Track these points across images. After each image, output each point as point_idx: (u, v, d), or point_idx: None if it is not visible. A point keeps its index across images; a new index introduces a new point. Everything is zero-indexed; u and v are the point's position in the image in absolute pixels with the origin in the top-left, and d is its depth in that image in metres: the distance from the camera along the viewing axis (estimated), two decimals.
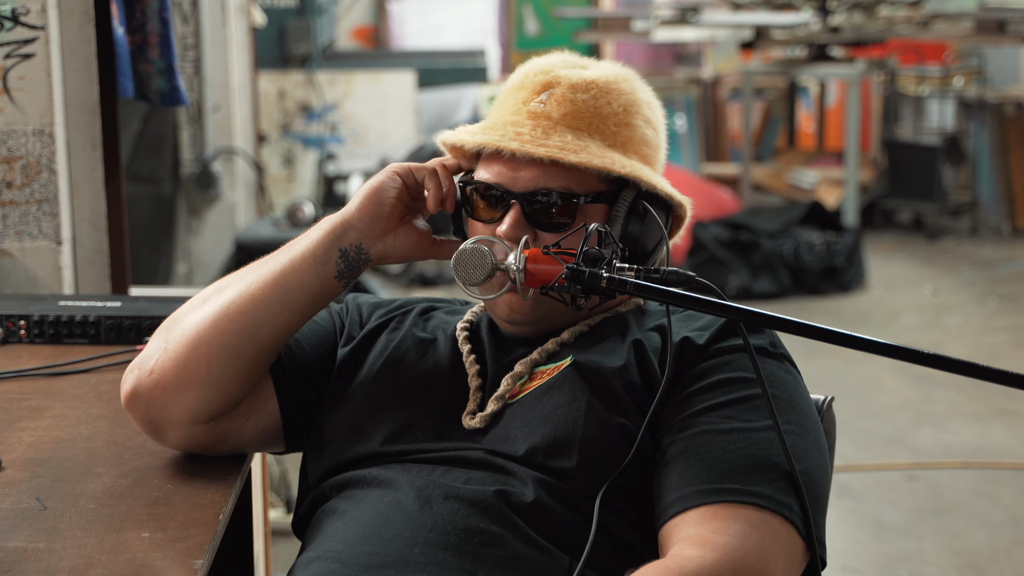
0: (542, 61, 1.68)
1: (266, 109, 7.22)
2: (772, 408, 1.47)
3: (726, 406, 1.50)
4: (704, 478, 1.43)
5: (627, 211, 1.60)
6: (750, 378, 1.52)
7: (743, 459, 1.44)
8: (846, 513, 3.99)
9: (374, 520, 1.48)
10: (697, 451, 1.46)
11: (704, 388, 1.52)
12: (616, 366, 1.54)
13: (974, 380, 1.38)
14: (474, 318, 1.71)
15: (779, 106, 9.59)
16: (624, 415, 1.51)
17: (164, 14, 2.89)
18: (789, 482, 1.44)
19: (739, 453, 1.45)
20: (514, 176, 1.59)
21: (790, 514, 1.41)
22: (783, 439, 1.45)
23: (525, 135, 1.58)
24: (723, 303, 1.44)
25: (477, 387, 1.60)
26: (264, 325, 1.59)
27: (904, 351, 1.35)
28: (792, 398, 1.52)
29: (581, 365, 1.56)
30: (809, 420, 1.52)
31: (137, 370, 1.61)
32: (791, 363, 1.58)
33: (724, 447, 1.46)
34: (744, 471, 1.43)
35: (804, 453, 1.47)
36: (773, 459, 1.45)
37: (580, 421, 1.51)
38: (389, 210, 1.62)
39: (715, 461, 1.45)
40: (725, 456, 1.45)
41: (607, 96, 1.62)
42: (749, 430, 1.47)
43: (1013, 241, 8.28)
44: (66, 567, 1.36)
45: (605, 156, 1.58)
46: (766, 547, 1.39)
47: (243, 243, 5.44)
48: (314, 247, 1.61)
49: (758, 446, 1.46)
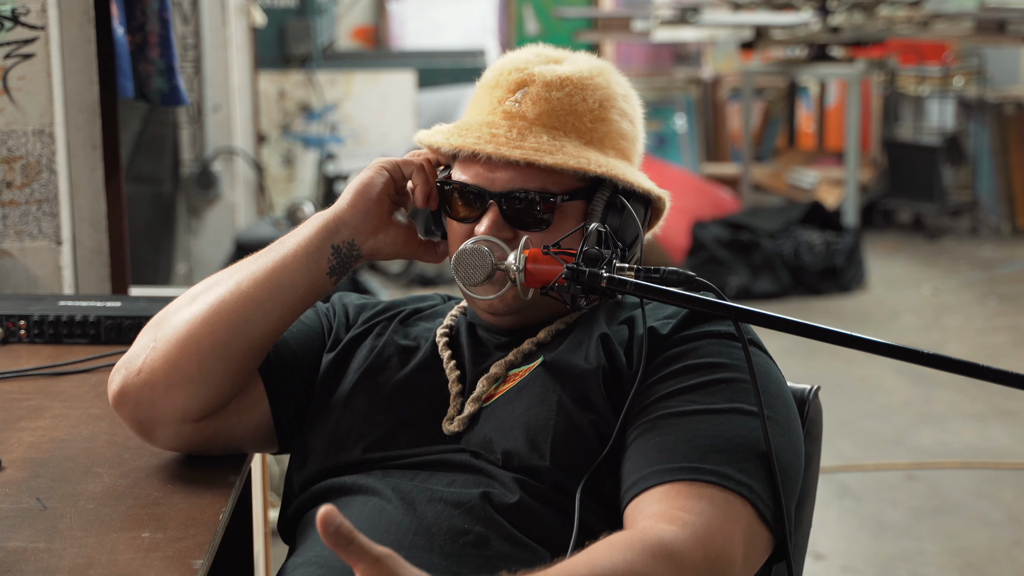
0: (516, 57, 1.67)
1: (266, 109, 7.22)
2: (757, 387, 1.45)
3: (689, 390, 1.48)
4: (667, 457, 1.42)
5: (604, 207, 1.60)
6: (715, 363, 1.51)
7: (705, 439, 1.43)
8: (846, 513, 3.99)
9: (359, 525, 1.47)
10: (659, 432, 1.45)
11: (668, 375, 1.51)
12: (583, 363, 1.54)
13: (974, 380, 1.38)
14: (454, 322, 1.70)
15: (779, 106, 9.59)
16: (594, 411, 1.51)
17: (164, 14, 2.89)
18: (754, 463, 1.42)
19: (702, 433, 1.44)
20: (491, 177, 1.59)
21: (750, 495, 1.39)
22: (764, 421, 1.44)
23: (500, 137, 1.58)
24: (723, 303, 1.44)
25: (457, 392, 1.61)
26: (255, 322, 1.58)
27: (904, 351, 1.35)
28: (764, 382, 1.50)
29: (550, 364, 1.56)
30: (780, 403, 1.51)
31: (124, 369, 1.60)
32: (760, 348, 1.57)
33: (687, 428, 1.45)
34: (706, 451, 1.42)
35: (773, 437, 1.45)
36: (737, 440, 1.43)
37: (551, 420, 1.50)
38: (378, 205, 1.62)
39: (678, 441, 1.43)
40: (688, 436, 1.44)
41: (582, 92, 1.62)
42: (712, 411, 1.46)
43: (1013, 241, 8.28)
44: (66, 567, 1.35)
45: (581, 156, 1.58)
46: (729, 527, 1.37)
47: (243, 243, 5.43)
48: (306, 244, 1.61)
49: (720, 427, 1.44)
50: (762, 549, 1.42)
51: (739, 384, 1.48)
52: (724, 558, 1.35)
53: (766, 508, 1.41)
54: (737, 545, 1.37)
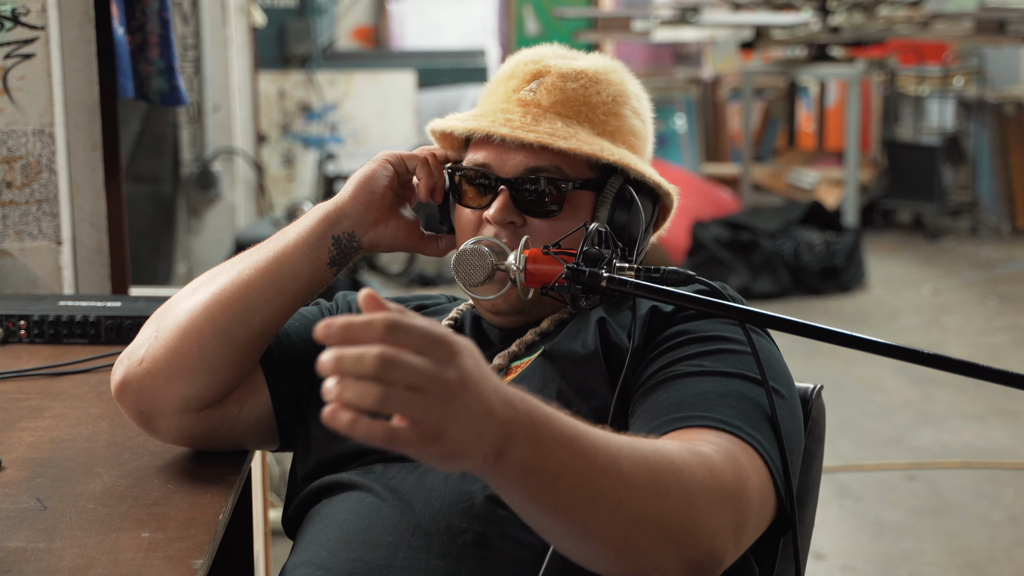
0: (532, 52, 1.69)
1: (266, 109, 7.22)
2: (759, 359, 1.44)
3: (695, 357, 1.48)
4: (679, 408, 1.41)
5: (614, 198, 1.60)
6: (720, 335, 1.50)
7: (715, 395, 1.42)
8: (846, 513, 3.99)
9: (357, 525, 1.48)
10: (668, 389, 1.44)
11: (672, 346, 1.50)
12: (581, 349, 1.54)
13: (974, 380, 1.38)
14: (459, 315, 1.71)
15: (779, 106, 9.59)
16: (596, 397, 1.50)
17: (164, 14, 2.89)
18: (763, 424, 1.41)
19: (711, 390, 1.43)
20: (503, 160, 1.60)
21: (761, 449, 1.38)
22: (769, 392, 1.43)
23: (515, 121, 1.60)
24: (723, 303, 1.44)
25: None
26: (256, 311, 1.59)
27: (904, 351, 1.35)
28: (769, 359, 1.50)
29: (550, 353, 1.56)
30: (781, 378, 1.50)
31: (127, 360, 1.60)
32: (766, 332, 1.57)
33: (697, 384, 1.43)
34: (717, 404, 1.41)
35: (778, 407, 1.44)
36: (745, 400, 1.42)
37: None
38: (380, 198, 1.63)
39: (689, 395, 1.42)
40: (698, 391, 1.42)
41: (596, 85, 1.63)
42: (719, 373, 1.45)
43: (1013, 241, 8.28)
44: (66, 567, 1.35)
45: (594, 143, 1.59)
46: (747, 468, 1.35)
47: (243, 243, 5.42)
48: (307, 234, 1.61)
49: (729, 386, 1.43)
50: (770, 508, 1.39)
51: (744, 356, 1.48)
52: (745, 489, 1.33)
53: (775, 467, 1.39)
54: (753, 487, 1.34)
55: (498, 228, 1.60)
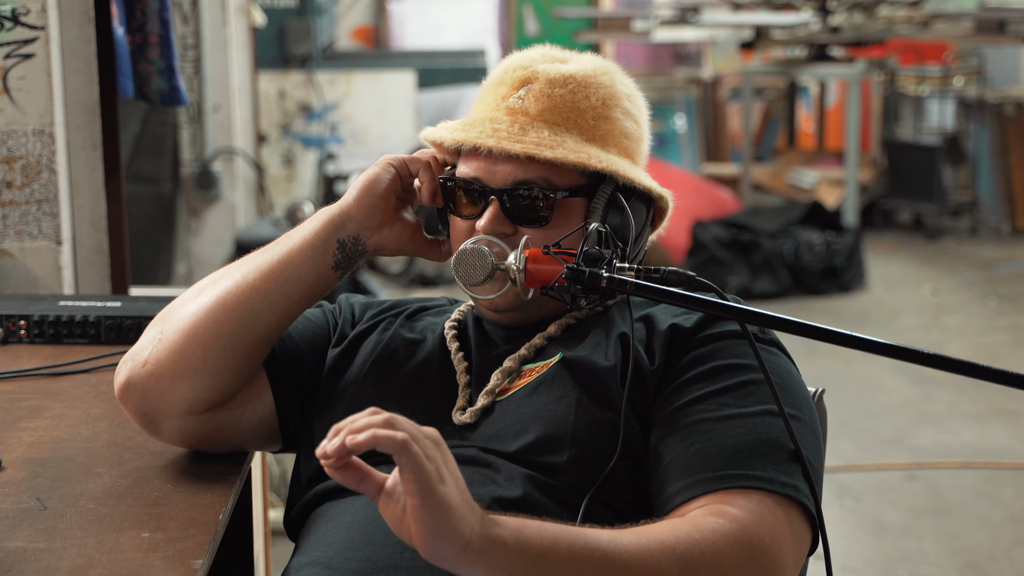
0: (522, 56, 1.68)
1: (266, 109, 7.22)
2: (775, 392, 1.46)
3: (721, 393, 1.49)
4: (709, 466, 1.42)
5: (605, 204, 1.60)
6: (743, 364, 1.51)
7: (746, 445, 1.43)
8: (846, 513, 3.99)
9: (364, 524, 1.48)
10: (698, 440, 1.45)
11: (697, 376, 1.51)
12: (603, 361, 1.54)
13: (974, 380, 1.38)
14: (461, 316, 1.71)
15: (779, 106, 9.59)
16: (614, 410, 1.51)
17: (164, 14, 2.89)
18: (793, 464, 1.43)
19: (740, 439, 1.44)
20: (492, 171, 1.60)
21: (797, 495, 1.40)
22: (787, 421, 1.44)
23: (502, 131, 1.59)
24: (724, 303, 1.44)
25: (465, 383, 1.61)
26: (261, 314, 1.59)
27: (904, 351, 1.35)
28: (787, 382, 1.51)
29: (570, 362, 1.56)
30: (804, 403, 1.52)
31: (131, 361, 1.61)
32: (780, 347, 1.58)
33: (725, 434, 1.45)
34: (748, 456, 1.42)
35: (801, 436, 1.46)
36: (775, 442, 1.44)
37: (570, 417, 1.50)
38: (384, 201, 1.63)
39: (718, 448, 1.43)
40: (727, 443, 1.44)
41: (585, 90, 1.63)
42: (747, 415, 1.46)
43: (1013, 241, 8.28)
44: (66, 567, 1.35)
45: (582, 151, 1.59)
46: (779, 529, 1.37)
47: (243, 243, 5.43)
48: (312, 238, 1.62)
49: (758, 431, 1.45)
50: (806, 548, 1.43)
51: (766, 385, 1.49)
52: (771, 555, 1.35)
53: (810, 505, 1.41)
54: (786, 547, 1.37)
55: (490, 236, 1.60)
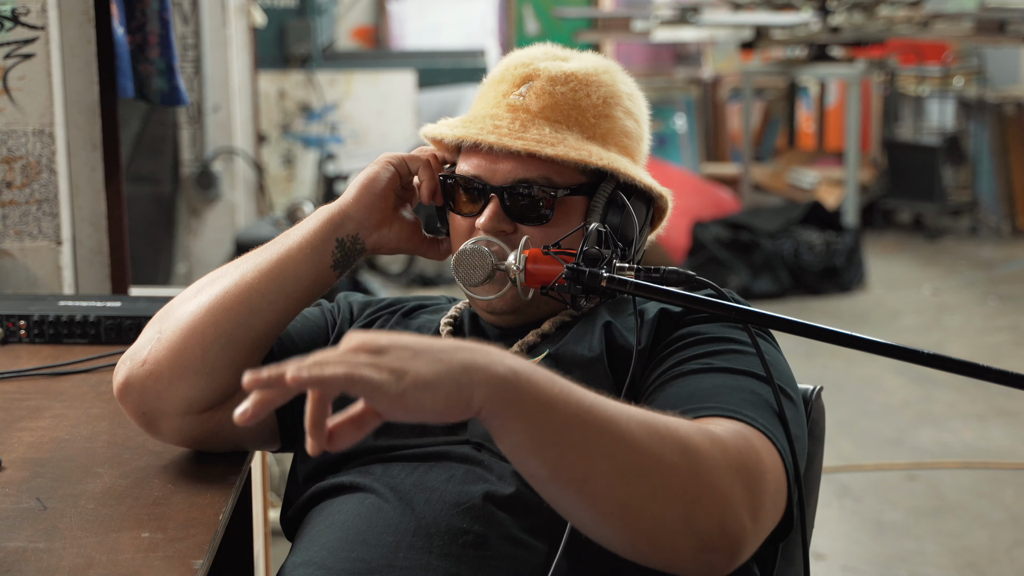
0: (523, 54, 1.68)
1: (266, 109, 7.22)
2: (764, 359, 1.44)
3: (705, 356, 1.48)
4: (690, 400, 1.41)
5: (606, 203, 1.60)
6: (731, 337, 1.50)
7: (727, 389, 1.42)
8: (846, 513, 3.99)
9: (358, 525, 1.48)
10: (680, 385, 1.44)
11: (683, 346, 1.51)
12: (587, 352, 1.54)
13: (974, 380, 1.38)
14: (458, 314, 1.71)
15: (779, 106, 9.59)
16: None
17: (164, 14, 2.89)
18: (774, 419, 1.40)
19: (723, 384, 1.43)
20: (493, 168, 1.60)
21: (775, 441, 1.37)
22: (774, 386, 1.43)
23: (503, 128, 1.59)
24: (723, 303, 1.44)
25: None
26: (259, 313, 1.59)
27: (904, 351, 1.35)
28: (775, 361, 1.50)
29: (556, 357, 1.56)
30: (790, 381, 1.51)
31: (130, 361, 1.60)
32: (771, 337, 1.57)
33: (708, 379, 1.44)
34: (730, 396, 1.41)
35: (785, 407, 1.44)
36: (756, 396, 1.42)
37: None
38: (383, 200, 1.63)
39: (702, 389, 1.42)
40: (711, 385, 1.43)
41: (586, 88, 1.62)
42: (730, 370, 1.45)
43: (1013, 241, 8.28)
44: (66, 567, 1.35)
45: (583, 148, 1.58)
46: (765, 458, 1.34)
47: (243, 243, 5.43)
48: (311, 236, 1.62)
49: (739, 382, 1.43)
50: (782, 501, 1.38)
51: (753, 356, 1.48)
52: (758, 468, 1.32)
53: (787, 461, 1.38)
54: (767, 469, 1.33)
55: (491, 235, 1.60)
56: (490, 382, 1.17)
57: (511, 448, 1.22)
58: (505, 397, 1.18)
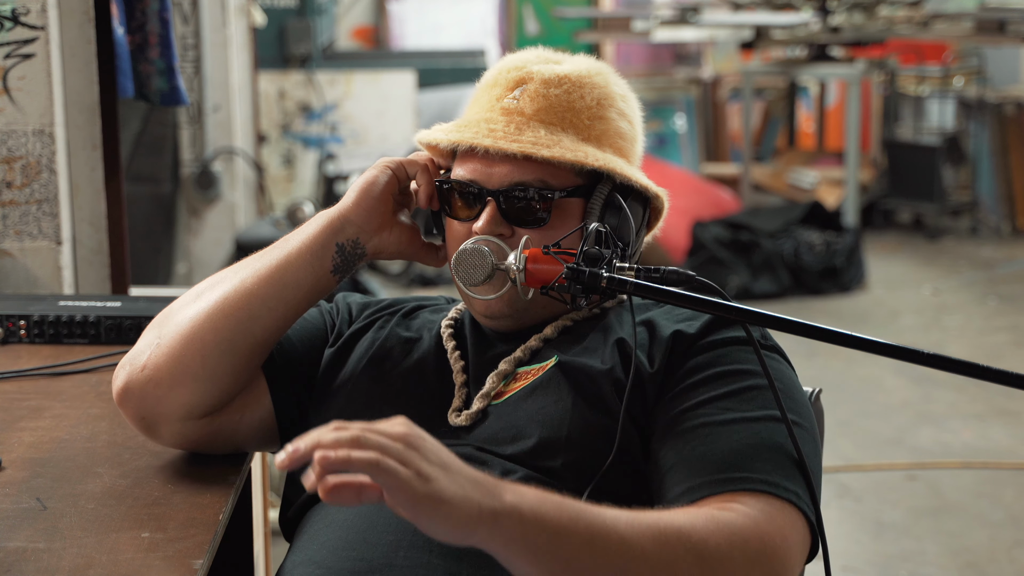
0: (516, 57, 1.68)
1: (266, 109, 7.22)
2: (778, 398, 1.46)
3: (724, 398, 1.48)
4: (713, 468, 1.42)
5: (603, 204, 1.60)
6: (746, 370, 1.51)
7: (749, 448, 1.43)
8: (846, 513, 3.99)
9: (358, 524, 1.48)
10: (701, 443, 1.45)
11: (700, 382, 1.51)
12: (600, 367, 1.54)
13: (974, 380, 1.38)
14: (458, 315, 1.71)
15: (779, 106, 9.59)
16: (610, 415, 1.50)
17: (164, 14, 2.89)
18: (795, 469, 1.42)
19: (744, 443, 1.43)
20: (489, 172, 1.60)
21: (799, 501, 1.40)
22: (790, 428, 1.44)
23: (498, 131, 1.59)
24: (723, 303, 1.44)
25: (462, 383, 1.61)
26: (259, 319, 1.59)
27: (904, 351, 1.35)
28: (789, 388, 1.51)
29: (566, 365, 1.55)
30: (804, 410, 1.52)
31: (129, 366, 1.60)
32: (781, 354, 1.58)
33: (728, 437, 1.44)
34: (752, 459, 1.42)
35: (803, 443, 1.46)
36: (778, 447, 1.43)
37: (566, 421, 1.50)
38: (382, 204, 1.63)
39: (722, 451, 1.43)
40: (731, 446, 1.43)
41: (580, 90, 1.62)
42: (750, 420, 1.46)
43: (1013, 241, 8.28)
44: (66, 567, 1.35)
45: (578, 150, 1.58)
46: (787, 531, 1.37)
47: (243, 243, 5.43)
48: (311, 242, 1.61)
49: (761, 435, 1.44)
50: (807, 552, 1.42)
51: (767, 391, 1.48)
52: (778, 549, 1.34)
53: (810, 512, 1.41)
54: (794, 549, 1.37)
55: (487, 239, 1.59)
56: (494, 521, 1.20)
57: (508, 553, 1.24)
58: (508, 535, 1.21)
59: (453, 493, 1.18)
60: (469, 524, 1.18)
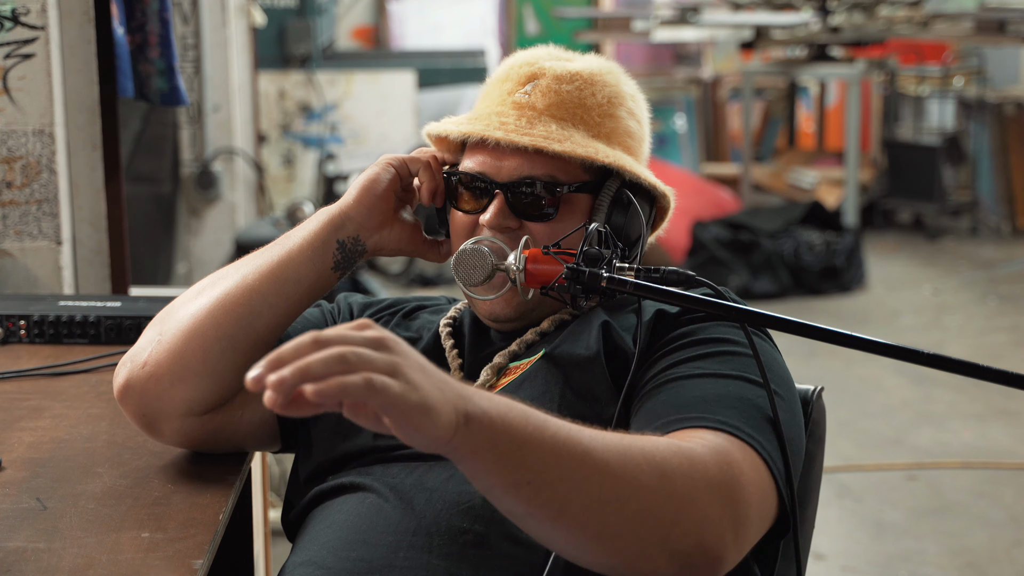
0: (527, 54, 1.69)
1: (266, 109, 7.22)
2: (760, 361, 1.44)
3: (697, 359, 1.47)
4: (678, 410, 1.40)
5: (611, 201, 1.60)
6: (726, 338, 1.50)
7: (715, 397, 1.41)
8: (846, 513, 3.99)
9: (358, 525, 1.48)
10: (669, 391, 1.43)
11: (678, 347, 1.50)
12: (584, 351, 1.53)
13: (974, 380, 1.38)
14: (458, 314, 1.71)
15: (779, 106, 9.59)
16: (599, 402, 1.50)
17: (164, 14, 2.89)
18: (764, 425, 1.40)
19: (712, 392, 1.42)
20: (498, 165, 1.60)
21: (761, 450, 1.36)
22: (770, 392, 1.42)
23: (510, 124, 1.59)
24: (723, 303, 1.44)
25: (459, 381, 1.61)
26: (260, 315, 1.59)
27: (904, 351, 1.35)
28: (771, 363, 1.49)
29: (552, 356, 1.55)
30: (786, 384, 1.50)
31: (130, 363, 1.60)
32: (769, 337, 1.57)
33: (697, 386, 1.43)
34: (718, 405, 1.40)
35: (780, 410, 1.43)
36: (746, 401, 1.41)
37: (553, 412, 1.50)
38: (384, 201, 1.63)
39: (689, 397, 1.42)
40: (698, 393, 1.42)
41: (591, 87, 1.63)
42: (721, 375, 1.44)
43: (1013, 241, 8.28)
44: (66, 567, 1.36)
45: (589, 145, 1.59)
46: (746, 469, 1.33)
47: (243, 243, 5.43)
48: (312, 238, 1.62)
49: (729, 388, 1.43)
50: (771, 508, 1.38)
51: (746, 358, 1.47)
52: (738, 484, 1.31)
53: (776, 468, 1.38)
54: (748, 483, 1.32)
55: (494, 233, 1.60)
56: (466, 425, 1.15)
57: (486, 488, 1.22)
58: (477, 441, 1.17)
59: (436, 399, 1.13)
60: (448, 429, 1.14)
